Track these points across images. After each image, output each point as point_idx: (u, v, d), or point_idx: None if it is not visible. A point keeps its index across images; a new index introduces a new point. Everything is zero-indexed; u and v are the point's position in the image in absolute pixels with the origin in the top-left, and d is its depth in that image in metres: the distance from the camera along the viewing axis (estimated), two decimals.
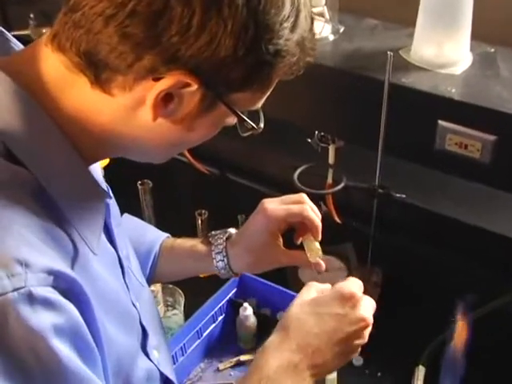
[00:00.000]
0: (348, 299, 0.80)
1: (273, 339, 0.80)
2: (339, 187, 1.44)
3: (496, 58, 1.25)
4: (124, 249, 0.86)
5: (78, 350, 0.61)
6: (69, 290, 0.61)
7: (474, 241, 1.41)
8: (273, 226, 0.96)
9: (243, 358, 1.38)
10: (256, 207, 0.99)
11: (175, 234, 1.12)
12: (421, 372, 1.31)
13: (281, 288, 1.43)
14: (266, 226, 0.96)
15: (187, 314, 1.41)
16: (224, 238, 1.01)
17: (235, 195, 1.71)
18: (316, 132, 1.44)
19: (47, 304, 0.58)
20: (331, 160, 1.47)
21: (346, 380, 0.81)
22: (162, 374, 0.88)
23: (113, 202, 0.87)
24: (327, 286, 0.86)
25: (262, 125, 0.76)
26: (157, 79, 0.64)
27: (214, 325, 1.42)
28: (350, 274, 1.52)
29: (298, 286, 1.50)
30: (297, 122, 1.41)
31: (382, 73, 1.19)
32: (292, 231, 1.00)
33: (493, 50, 1.27)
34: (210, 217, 1.60)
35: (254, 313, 1.40)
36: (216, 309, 1.42)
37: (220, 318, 1.44)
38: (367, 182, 1.41)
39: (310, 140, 1.45)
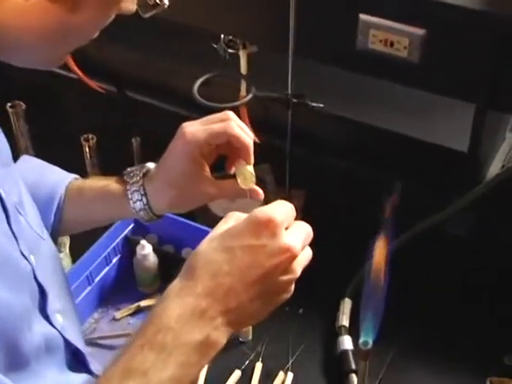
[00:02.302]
0: (265, 226, 0.71)
1: (175, 283, 0.73)
2: (246, 99, 1.37)
3: None
4: (15, 195, 0.82)
5: None
6: None
7: (405, 152, 1.41)
8: (195, 152, 0.91)
9: (144, 303, 1.34)
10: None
11: (59, 166, 1.06)
12: (347, 305, 1.29)
13: (185, 221, 1.38)
14: (187, 152, 0.91)
15: (74, 257, 1.35)
16: (141, 175, 0.96)
17: (128, 114, 1.64)
18: (222, 36, 1.38)
19: None
20: (243, 69, 1.40)
21: (263, 320, 0.77)
22: (67, 342, 0.85)
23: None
24: None
25: (166, 0, 0.74)
26: None
27: (107, 268, 1.37)
28: (268, 199, 1.49)
29: (207, 217, 1.47)
30: (199, 25, 1.36)
31: None
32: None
33: None
34: (100, 142, 1.51)
35: (155, 250, 1.36)
36: (109, 249, 1.37)
37: (115, 259, 1.39)
38: (280, 92, 1.36)
39: (215, 45, 1.39)
